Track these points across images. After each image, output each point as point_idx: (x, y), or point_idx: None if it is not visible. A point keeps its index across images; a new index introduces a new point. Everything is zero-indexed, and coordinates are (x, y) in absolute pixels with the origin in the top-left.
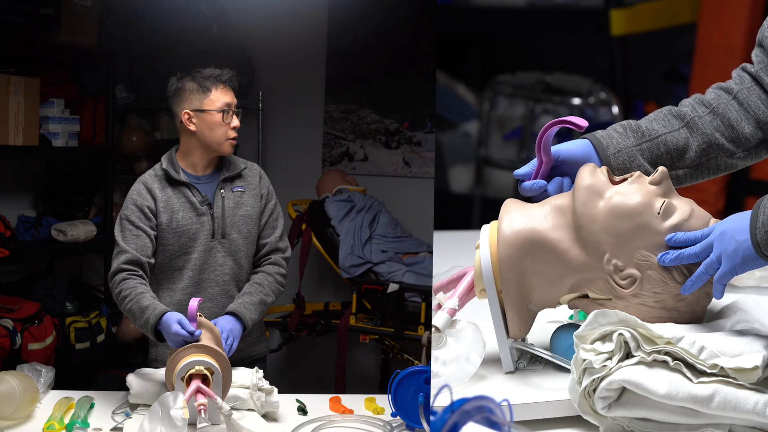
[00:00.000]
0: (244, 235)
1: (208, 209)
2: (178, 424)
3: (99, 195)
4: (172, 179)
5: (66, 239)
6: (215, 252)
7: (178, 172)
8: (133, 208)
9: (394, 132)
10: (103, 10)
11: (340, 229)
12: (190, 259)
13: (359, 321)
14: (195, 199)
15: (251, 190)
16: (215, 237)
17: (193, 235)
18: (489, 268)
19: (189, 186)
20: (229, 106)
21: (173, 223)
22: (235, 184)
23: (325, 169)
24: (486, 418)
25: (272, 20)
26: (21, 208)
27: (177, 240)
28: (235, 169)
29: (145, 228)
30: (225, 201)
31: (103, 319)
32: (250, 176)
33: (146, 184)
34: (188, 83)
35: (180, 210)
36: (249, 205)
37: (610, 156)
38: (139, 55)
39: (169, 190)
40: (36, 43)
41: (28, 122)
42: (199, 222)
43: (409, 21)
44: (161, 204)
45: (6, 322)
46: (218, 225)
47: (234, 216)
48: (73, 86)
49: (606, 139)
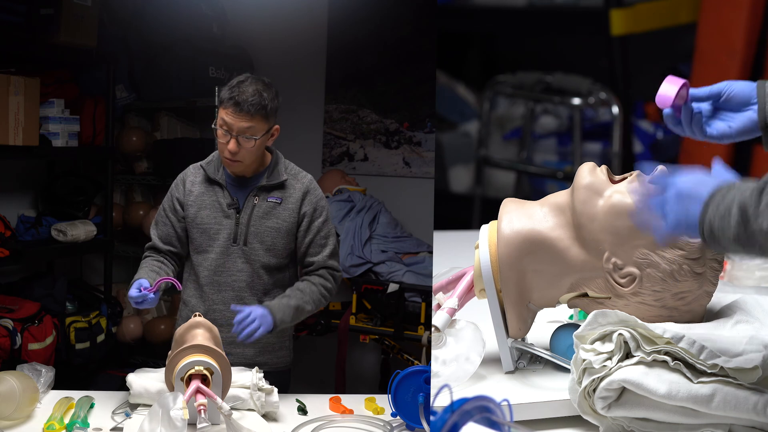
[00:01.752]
0: (267, 246)
1: (234, 213)
2: (178, 425)
3: (99, 195)
4: (209, 177)
5: (66, 239)
6: (234, 256)
7: (217, 170)
8: (168, 196)
9: (394, 132)
10: (103, 10)
11: (340, 229)
12: (207, 258)
13: (359, 321)
14: (223, 201)
15: (289, 204)
16: (236, 242)
17: (213, 234)
18: (488, 268)
19: (222, 186)
20: (229, 129)
21: (197, 219)
22: (272, 193)
23: (325, 169)
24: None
25: (272, 20)
26: (21, 208)
27: (198, 236)
28: (276, 178)
29: (171, 218)
30: (255, 209)
31: (103, 319)
32: (293, 189)
33: (184, 174)
34: (225, 87)
35: (207, 207)
36: (281, 219)
37: None
38: (139, 55)
39: (203, 185)
40: (36, 43)
41: (28, 122)
42: (223, 224)
43: (409, 21)
44: (191, 197)
45: (6, 322)
46: (241, 231)
47: (260, 225)
48: (73, 86)
49: None
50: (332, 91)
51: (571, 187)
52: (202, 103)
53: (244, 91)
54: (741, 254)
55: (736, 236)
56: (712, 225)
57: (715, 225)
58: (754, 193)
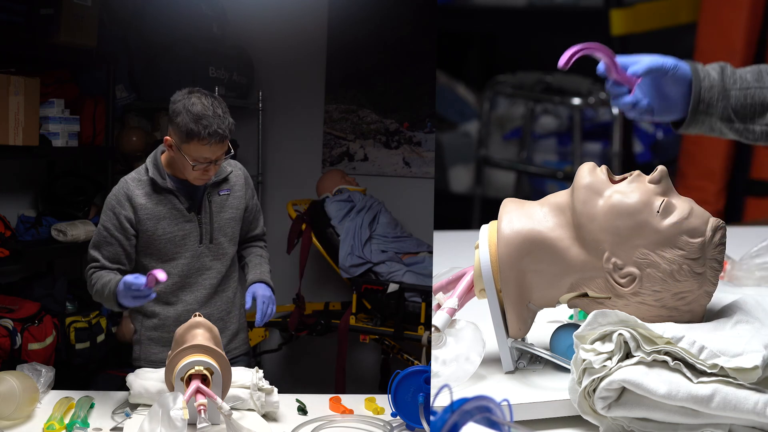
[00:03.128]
0: (230, 237)
1: (195, 215)
2: (178, 425)
3: (99, 195)
4: (158, 186)
5: (66, 239)
6: (203, 257)
7: (164, 179)
8: (110, 215)
9: (394, 132)
10: (103, 10)
11: (340, 229)
12: (177, 265)
13: (359, 321)
14: (182, 207)
15: (236, 193)
16: (203, 242)
17: (180, 242)
18: (488, 268)
19: (175, 193)
20: (207, 160)
21: (159, 230)
22: (221, 187)
23: (325, 169)
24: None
25: (272, 20)
26: (21, 208)
27: (164, 246)
28: (222, 173)
29: (118, 237)
30: (212, 206)
31: (103, 319)
32: (236, 178)
33: (127, 191)
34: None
35: (166, 217)
36: (234, 208)
37: (704, 89)
38: (139, 55)
39: (154, 197)
40: (36, 43)
41: (28, 122)
42: (187, 228)
43: (409, 21)
44: (145, 212)
45: (6, 322)
46: (206, 230)
47: (220, 220)
48: (73, 86)
49: (703, 72)
50: (332, 91)
51: (571, 187)
52: None
53: (214, 119)
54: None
55: None
56: (713, 89)
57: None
58: None
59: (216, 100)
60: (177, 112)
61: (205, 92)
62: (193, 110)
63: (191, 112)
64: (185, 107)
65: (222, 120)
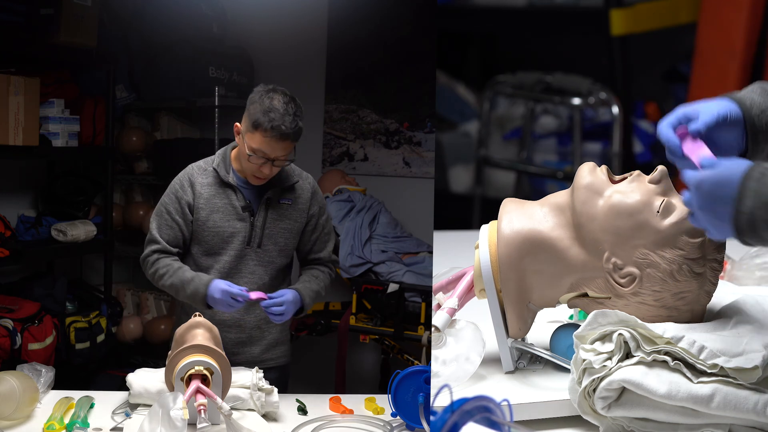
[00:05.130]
0: (280, 247)
1: (249, 216)
2: (178, 425)
3: (99, 195)
4: (220, 179)
5: (66, 239)
6: (248, 259)
7: (228, 173)
8: (172, 198)
9: (394, 132)
10: (103, 10)
11: (340, 229)
12: (219, 261)
13: (359, 321)
14: (238, 204)
15: (299, 205)
16: (251, 245)
17: (227, 238)
18: (488, 268)
19: (235, 189)
20: (267, 155)
21: (209, 222)
22: (283, 195)
23: (325, 169)
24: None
25: (272, 20)
26: (21, 208)
27: (211, 239)
28: (288, 181)
29: (178, 221)
30: (269, 212)
31: (103, 319)
32: (302, 190)
33: (191, 176)
34: (255, 105)
35: (220, 211)
36: (293, 219)
37: (755, 117)
38: (139, 55)
39: (214, 188)
40: (36, 43)
41: (28, 122)
42: (237, 227)
43: (409, 21)
44: (202, 200)
45: (6, 322)
46: (256, 234)
47: (274, 227)
48: (73, 86)
49: (748, 100)
50: (332, 91)
51: (571, 187)
52: (202, 103)
53: (284, 116)
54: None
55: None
56: (753, 215)
57: (757, 214)
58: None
59: (294, 102)
60: (252, 101)
61: (287, 92)
62: (266, 103)
63: (264, 104)
64: (261, 98)
65: (290, 120)
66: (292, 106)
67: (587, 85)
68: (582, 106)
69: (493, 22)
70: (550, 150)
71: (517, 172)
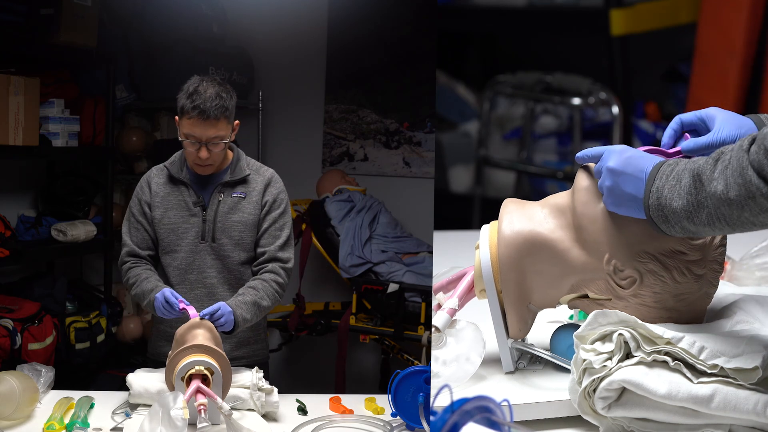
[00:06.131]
0: (235, 241)
1: (200, 211)
2: (178, 424)
3: (99, 195)
4: (173, 176)
5: (66, 239)
6: (203, 254)
7: (180, 170)
8: (135, 201)
9: (394, 132)
10: (103, 10)
11: (340, 229)
12: (176, 257)
13: (359, 321)
14: (189, 200)
15: (252, 197)
16: (204, 239)
17: (181, 234)
18: (489, 268)
19: (187, 185)
20: (197, 138)
21: (164, 219)
22: (235, 189)
23: (325, 169)
24: (486, 418)
25: (272, 20)
26: (21, 208)
27: (166, 236)
28: (239, 174)
29: (142, 222)
30: (220, 205)
31: (103, 319)
32: (255, 183)
33: (149, 177)
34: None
35: (174, 207)
36: (246, 212)
37: None
38: (139, 55)
39: (168, 186)
40: (36, 43)
41: (28, 122)
42: (189, 222)
43: (409, 21)
44: (157, 198)
45: (6, 322)
46: (208, 228)
47: (226, 221)
48: (73, 86)
49: None
50: (332, 91)
51: (571, 189)
52: None
53: (205, 97)
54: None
55: (685, 205)
56: (660, 194)
57: (663, 194)
58: (708, 161)
59: (221, 86)
60: (180, 90)
61: (216, 79)
62: (190, 89)
63: (189, 90)
64: (187, 86)
65: (213, 101)
66: (219, 89)
67: (587, 85)
68: (582, 106)
69: (493, 22)
70: (550, 150)
71: (517, 172)
